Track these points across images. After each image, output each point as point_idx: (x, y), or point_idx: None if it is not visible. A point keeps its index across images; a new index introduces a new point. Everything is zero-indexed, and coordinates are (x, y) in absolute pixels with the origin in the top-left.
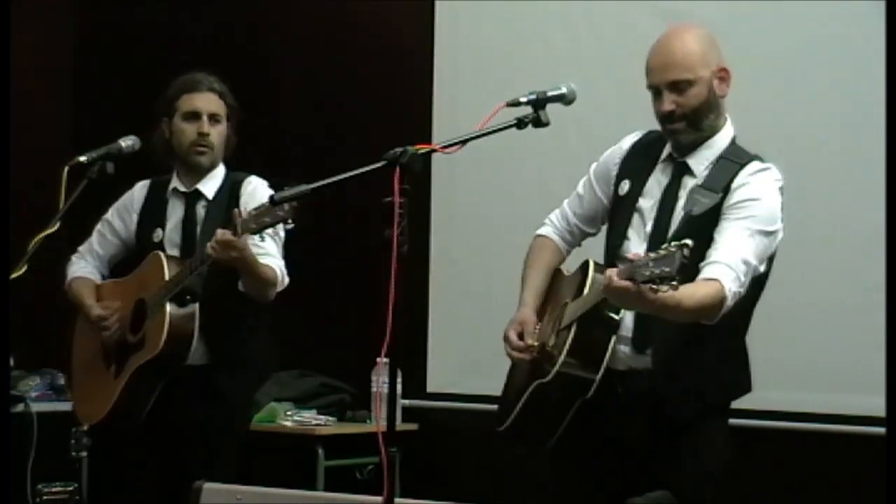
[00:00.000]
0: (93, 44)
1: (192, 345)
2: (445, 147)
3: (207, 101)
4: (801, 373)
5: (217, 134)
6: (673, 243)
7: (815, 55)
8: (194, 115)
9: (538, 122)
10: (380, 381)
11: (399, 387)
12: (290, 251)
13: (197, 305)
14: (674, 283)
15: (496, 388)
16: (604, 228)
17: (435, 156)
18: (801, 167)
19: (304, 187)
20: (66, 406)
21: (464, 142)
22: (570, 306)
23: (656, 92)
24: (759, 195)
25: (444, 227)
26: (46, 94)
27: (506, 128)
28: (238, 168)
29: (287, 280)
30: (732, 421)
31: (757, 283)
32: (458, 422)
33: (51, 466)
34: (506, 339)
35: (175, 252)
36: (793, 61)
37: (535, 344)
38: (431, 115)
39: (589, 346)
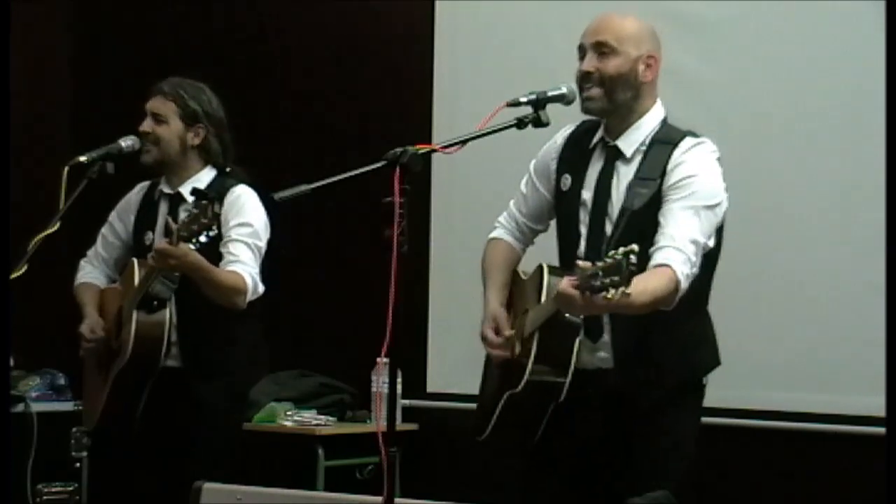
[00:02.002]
0: (93, 44)
1: (162, 350)
2: (445, 147)
3: (152, 103)
4: (801, 373)
5: (162, 132)
6: (620, 250)
7: (814, 55)
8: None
9: (538, 122)
10: (380, 381)
11: (399, 387)
12: (289, 252)
13: (167, 311)
14: (623, 290)
15: None
16: (554, 224)
17: (435, 156)
18: (801, 166)
19: (304, 187)
20: (66, 406)
21: (464, 142)
22: (530, 314)
23: (582, 53)
24: (696, 171)
25: (444, 226)
26: (46, 95)
27: (506, 128)
28: (237, 168)
29: (261, 288)
30: (731, 421)
31: (709, 259)
32: (459, 422)
33: (51, 466)
34: (483, 338)
35: None
36: (792, 61)
37: (513, 333)
38: (431, 114)
39: (554, 352)
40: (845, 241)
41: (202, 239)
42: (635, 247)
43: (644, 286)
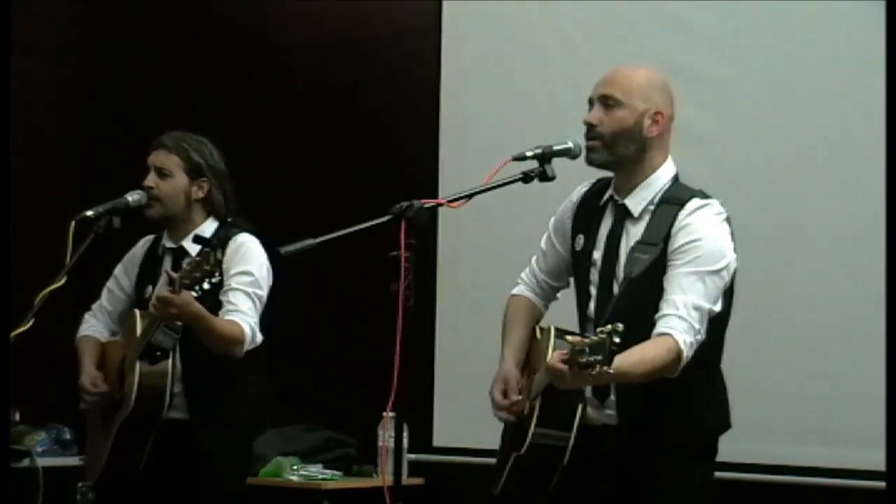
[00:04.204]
0: (101, 88)
1: (165, 400)
2: (451, 201)
3: (154, 157)
4: (803, 426)
5: (166, 187)
6: (607, 327)
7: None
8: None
9: (544, 177)
10: (386, 436)
11: (405, 441)
12: (295, 304)
13: (169, 362)
14: (606, 369)
15: None
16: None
17: (441, 208)
18: (806, 222)
19: (309, 241)
20: (71, 461)
21: (470, 196)
22: (537, 375)
23: (591, 105)
24: (700, 234)
25: (450, 279)
26: (54, 145)
27: (512, 182)
28: (238, 219)
29: (260, 338)
30: (737, 475)
31: (718, 323)
32: (465, 476)
33: None
34: (491, 398)
35: None
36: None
37: (521, 398)
38: (438, 167)
39: (557, 416)
40: (850, 296)
41: (205, 286)
42: (620, 325)
43: (642, 355)
